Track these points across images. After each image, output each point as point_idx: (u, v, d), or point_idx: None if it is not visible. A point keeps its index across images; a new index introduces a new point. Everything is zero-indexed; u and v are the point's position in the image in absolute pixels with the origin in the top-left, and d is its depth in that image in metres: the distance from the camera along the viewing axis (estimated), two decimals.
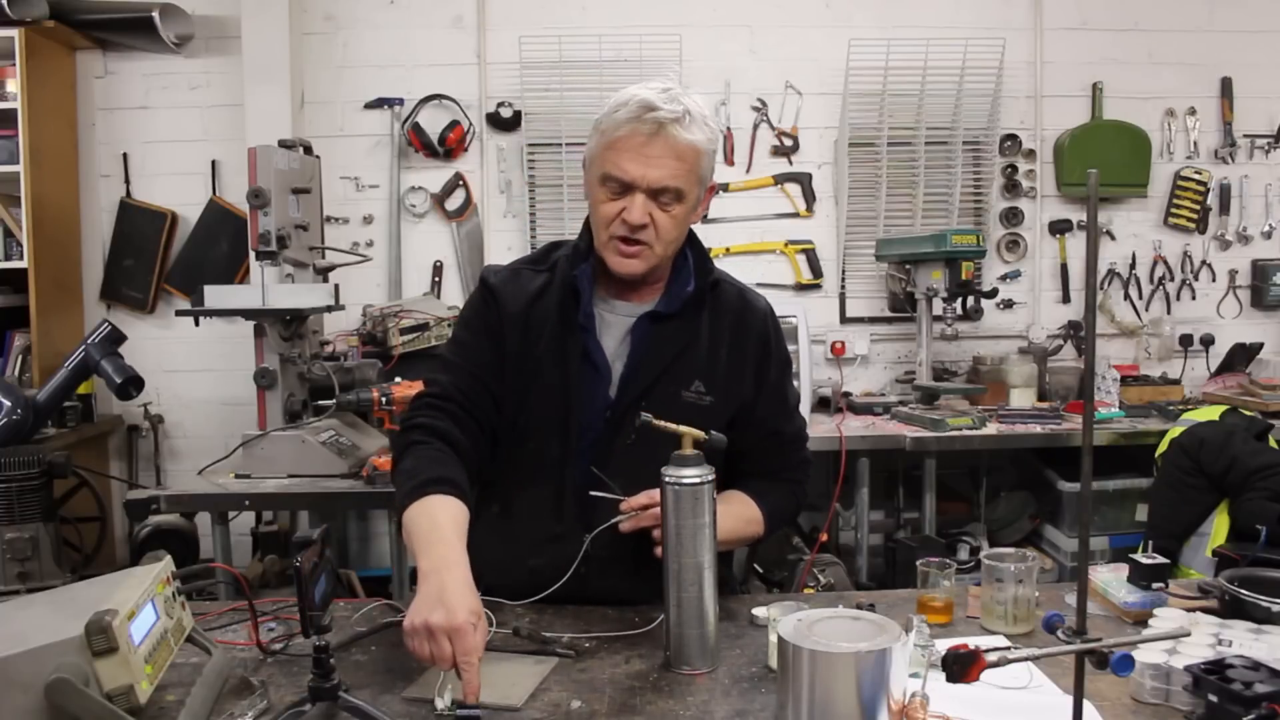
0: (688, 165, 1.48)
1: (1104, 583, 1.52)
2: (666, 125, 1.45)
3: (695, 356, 1.58)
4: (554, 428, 1.55)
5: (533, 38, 3.66)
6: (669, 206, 1.49)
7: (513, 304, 1.58)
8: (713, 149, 1.54)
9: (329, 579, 1.20)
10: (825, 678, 1.02)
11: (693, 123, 1.48)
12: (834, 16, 3.78)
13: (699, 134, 1.49)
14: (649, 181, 1.47)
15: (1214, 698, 1.08)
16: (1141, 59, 3.84)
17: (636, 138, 1.46)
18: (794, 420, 1.70)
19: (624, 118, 1.47)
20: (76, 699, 1.05)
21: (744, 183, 3.83)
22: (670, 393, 1.54)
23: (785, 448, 1.68)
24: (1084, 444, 0.98)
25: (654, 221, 1.49)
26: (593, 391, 1.55)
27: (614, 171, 1.48)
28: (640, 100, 1.46)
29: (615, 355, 1.57)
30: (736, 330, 1.62)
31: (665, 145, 1.46)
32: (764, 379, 1.63)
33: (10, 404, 2.84)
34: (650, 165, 1.46)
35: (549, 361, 1.55)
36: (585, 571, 1.50)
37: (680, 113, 1.46)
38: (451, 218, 3.80)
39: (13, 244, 3.46)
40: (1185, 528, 2.74)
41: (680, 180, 1.48)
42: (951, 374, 3.72)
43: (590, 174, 1.54)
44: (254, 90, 3.52)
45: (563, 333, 1.56)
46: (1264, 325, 3.92)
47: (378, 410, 2.64)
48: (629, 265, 1.53)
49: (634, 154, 1.46)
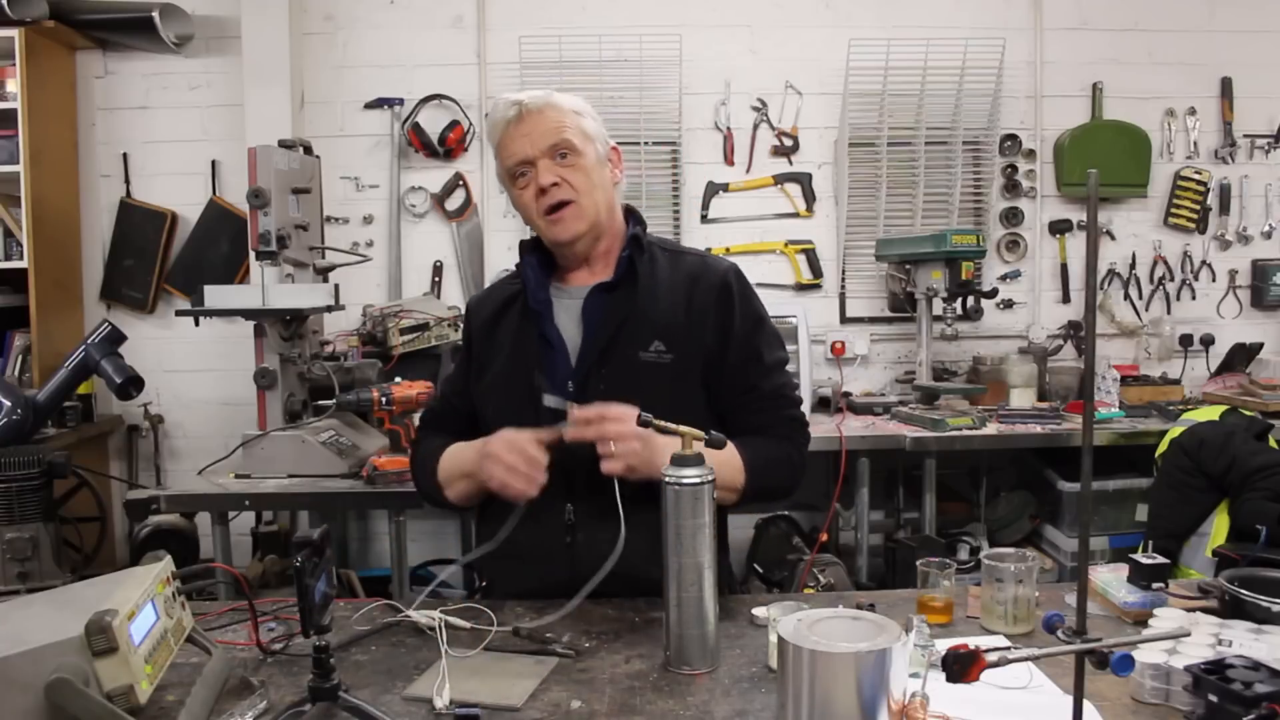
0: (565, 123, 1.61)
1: (1104, 583, 1.52)
2: (526, 104, 1.61)
3: (653, 318, 1.62)
4: (523, 407, 1.62)
5: (533, 38, 3.66)
6: (569, 162, 1.61)
7: (478, 318, 1.76)
8: (587, 112, 1.66)
9: (329, 579, 1.20)
10: (825, 678, 1.02)
11: (554, 100, 1.63)
12: (834, 16, 3.78)
13: (564, 102, 1.64)
14: (536, 148, 1.60)
15: (1214, 698, 1.08)
16: (1141, 59, 3.84)
17: (508, 125, 1.62)
18: (773, 377, 1.68)
19: (497, 119, 1.64)
20: (76, 699, 1.05)
21: (744, 183, 3.83)
22: (629, 355, 1.60)
23: (765, 403, 1.66)
24: (1084, 444, 0.98)
25: (564, 179, 1.61)
26: (554, 367, 1.63)
27: (509, 160, 1.63)
28: (503, 100, 1.64)
29: (575, 332, 1.65)
30: (694, 287, 1.66)
31: (533, 119, 1.61)
32: (728, 332, 1.64)
33: (10, 404, 2.84)
34: (531, 135, 1.60)
35: (511, 351, 1.68)
36: (572, 541, 1.57)
37: (539, 96, 1.63)
38: (451, 218, 3.80)
39: (13, 244, 3.46)
40: (1185, 528, 2.74)
41: (564, 135, 1.61)
42: (951, 374, 3.72)
43: (505, 185, 1.68)
44: (254, 90, 3.52)
45: (521, 323, 1.68)
46: (1264, 325, 3.92)
47: (378, 410, 2.64)
48: (563, 228, 1.63)
49: (512, 136, 1.62)
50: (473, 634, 1.43)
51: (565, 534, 1.58)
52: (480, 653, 1.37)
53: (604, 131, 1.68)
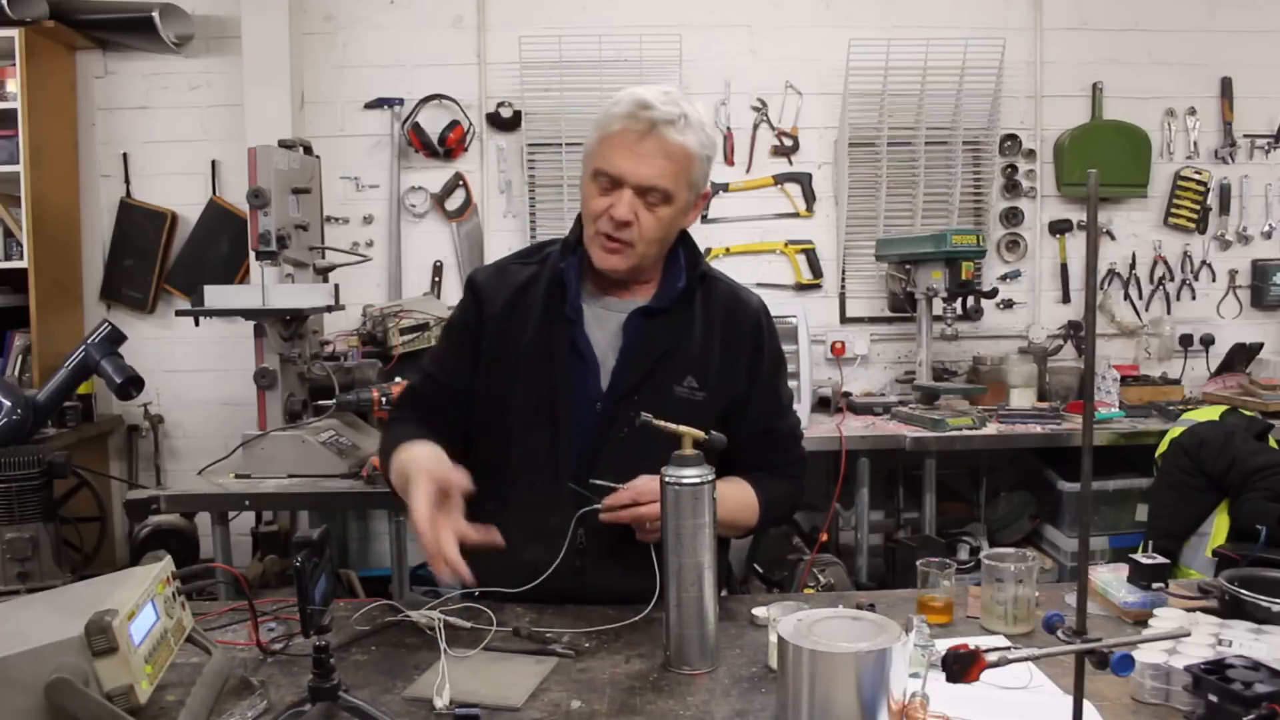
0: (677, 167, 1.50)
1: (1104, 583, 1.52)
2: (660, 125, 1.47)
3: (687, 351, 1.59)
4: (542, 419, 1.56)
5: (533, 38, 3.65)
6: (655, 206, 1.51)
7: (494, 302, 1.61)
8: (707, 155, 1.55)
9: (329, 579, 1.20)
10: (825, 678, 1.02)
11: (688, 126, 1.49)
12: (834, 16, 3.78)
13: (692, 138, 1.50)
14: (637, 178, 1.49)
15: (1214, 698, 1.08)
16: (1141, 59, 3.84)
17: (629, 135, 1.48)
18: (787, 418, 1.71)
19: (619, 113, 1.49)
20: (76, 699, 1.05)
21: (744, 183, 3.83)
22: (663, 387, 1.56)
23: (779, 444, 1.69)
24: (1084, 444, 0.98)
25: (639, 220, 1.51)
26: (582, 383, 1.56)
27: (605, 166, 1.50)
28: (637, 98, 1.48)
29: (608, 349, 1.58)
30: (729, 326, 1.63)
31: (656, 144, 1.48)
32: (757, 374, 1.64)
33: (10, 404, 2.84)
34: (640, 163, 1.48)
35: (533, 353, 1.57)
36: (581, 565, 1.52)
37: (676, 115, 1.48)
38: (451, 218, 3.80)
39: (13, 244, 3.46)
40: (1185, 528, 2.74)
41: (668, 181, 1.49)
42: (951, 374, 3.72)
43: (585, 169, 1.56)
44: (254, 90, 3.52)
45: (548, 325, 1.58)
46: (1264, 325, 3.92)
47: (378, 410, 2.65)
48: (610, 261, 1.54)
49: (625, 150, 1.48)
50: (473, 634, 1.43)
51: (576, 558, 1.53)
52: (480, 653, 1.36)
53: (707, 176, 1.58)
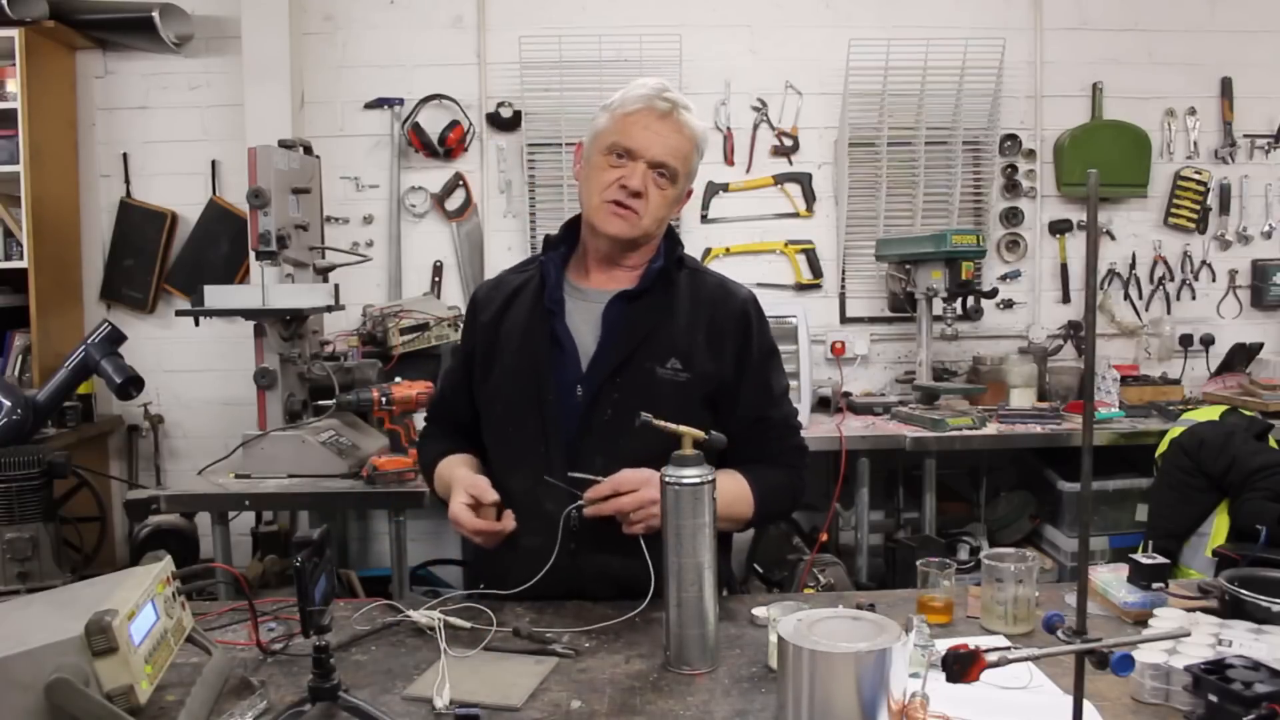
0: (685, 151, 1.63)
1: (1104, 583, 1.52)
2: (678, 108, 1.61)
3: (670, 334, 1.63)
4: (530, 410, 1.61)
5: (533, 38, 3.65)
6: (663, 184, 1.61)
7: (487, 311, 1.72)
8: (702, 149, 1.68)
9: (329, 579, 1.20)
10: (825, 678, 1.02)
11: (694, 126, 1.64)
12: (834, 16, 3.78)
13: (698, 127, 1.65)
14: (653, 153, 1.59)
15: (1214, 698, 1.08)
16: (1141, 59, 3.84)
17: (650, 114, 1.60)
18: (781, 406, 1.72)
19: (639, 94, 1.61)
20: (76, 699, 1.05)
21: (744, 183, 3.83)
22: (645, 368, 1.60)
23: (773, 433, 1.69)
24: (1084, 444, 0.98)
25: (647, 194, 1.60)
26: (563, 370, 1.62)
27: (624, 141, 1.59)
28: (656, 84, 1.62)
29: (589, 336, 1.64)
30: (715, 314, 1.67)
31: (674, 124, 1.61)
32: (746, 364, 1.66)
33: (10, 404, 2.84)
34: (657, 140, 1.59)
35: (519, 348, 1.65)
36: (576, 548, 1.55)
37: (687, 115, 1.63)
38: (451, 218, 3.80)
39: (13, 244, 3.46)
40: (1185, 528, 2.74)
41: (678, 161, 1.62)
42: (951, 374, 3.72)
43: (593, 148, 1.64)
44: (254, 90, 3.52)
45: (531, 320, 1.66)
46: (1264, 325, 3.92)
47: (378, 410, 2.64)
48: (616, 225, 1.61)
49: (644, 128, 1.59)
50: (473, 634, 1.43)
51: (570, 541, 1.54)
52: (480, 653, 1.37)
53: (697, 168, 1.70)
